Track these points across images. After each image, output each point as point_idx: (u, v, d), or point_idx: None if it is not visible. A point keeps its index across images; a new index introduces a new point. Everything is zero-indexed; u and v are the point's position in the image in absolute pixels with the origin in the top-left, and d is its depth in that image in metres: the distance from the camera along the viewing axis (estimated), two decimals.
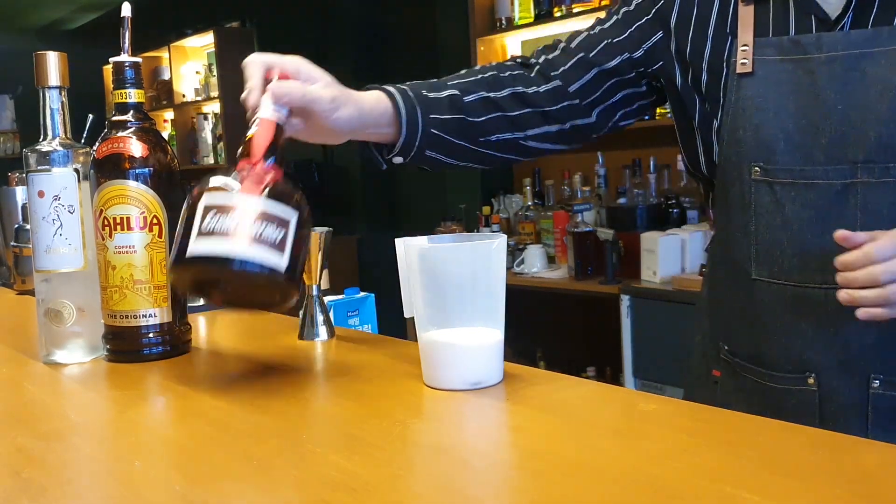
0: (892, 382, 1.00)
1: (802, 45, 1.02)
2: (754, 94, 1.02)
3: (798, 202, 1.03)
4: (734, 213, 1.09)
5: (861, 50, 0.99)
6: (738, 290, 1.12)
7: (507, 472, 0.66)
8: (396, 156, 1.10)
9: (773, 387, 1.07)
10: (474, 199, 4.19)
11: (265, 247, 0.79)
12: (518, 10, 3.76)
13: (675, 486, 0.58)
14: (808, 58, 1.02)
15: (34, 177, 1.03)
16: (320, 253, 1.08)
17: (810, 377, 1.04)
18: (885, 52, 0.98)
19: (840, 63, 1.00)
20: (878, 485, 0.58)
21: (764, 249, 1.06)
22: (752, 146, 1.05)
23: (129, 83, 1.03)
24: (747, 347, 1.12)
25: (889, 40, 0.98)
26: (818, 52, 1.01)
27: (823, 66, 1.01)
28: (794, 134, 1.00)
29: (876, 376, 1.01)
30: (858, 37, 0.99)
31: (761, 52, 1.05)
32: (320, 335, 1.10)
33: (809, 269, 1.02)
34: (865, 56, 0.99)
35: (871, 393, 1.01)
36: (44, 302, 1.04)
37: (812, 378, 1.04)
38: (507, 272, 1.21)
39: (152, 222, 1.01)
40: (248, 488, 0.62)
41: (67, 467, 0.70)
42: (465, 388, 0.83)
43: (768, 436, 0.69)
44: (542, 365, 3.86)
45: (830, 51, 1.00)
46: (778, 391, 1.07)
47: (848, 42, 1.00)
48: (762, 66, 1.05)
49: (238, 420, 0.79)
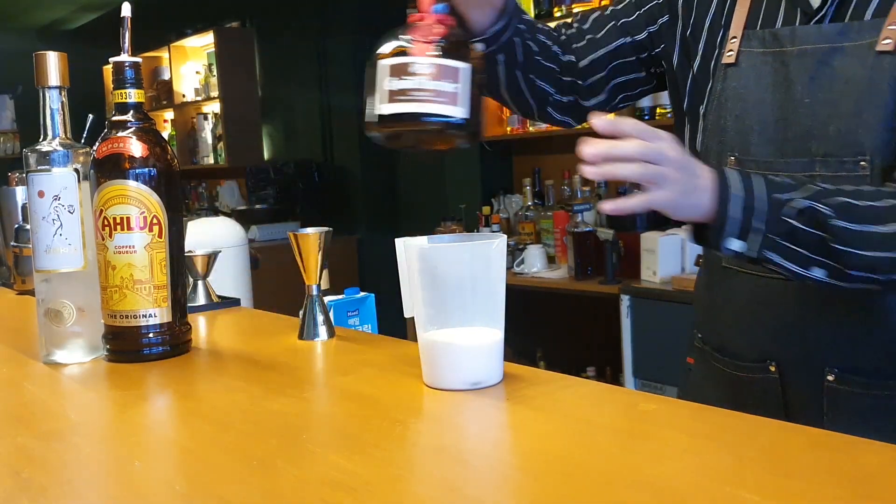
0: (846, 378, 1.02)
1: (779, 39, 1.03)
2: (737, 84, 1.04)
3: None
4: None
5: (831, 44, 0.99)
6: (711, 280, 1.15)
7: (506, 472, 0.66)
8: (481, 41, 1.07)
9: (738, 375, 1.10)
10: (474, 199, 4.19)
11: (442, 101, 0.84)
12: None
13: (675, 486, 0.58)
14: (783, 51, 1.03)
15: (34, 177, 1.03)
16: (320, 253, 1.08)
17: (772, 365, 1.07)
18: (853, 47, 0.98)
19: (811, 57, 1.01)
20: (878, 485, 0.58)
21: None
22: (732, 135, 1.06)
23: (129, 83, 1.03)
24: (716, 336, 1.14)
25: (858, 35, 0.98)
26: (792, 46, 1.02)
27: (795, 59, 1.02)
28: (769, 126, 1.02)
29: (831, 369, 1.03)
30: (830, 31, 1.00)
31: (747, 45, 1.06)
32: (320, 335, 1.10)
33: None
34: (836, 50, 0.99)
35: (825, 385, 1.03)
36: (44, 302, 1.04)
37: (773, 366, 1.06)
38: (507, 272, 1.21)
39: (152, 222, 1.01)
40: (248, 488, 0.62)
41: (67, 467, 0.70)
42: (465, 388, 0.83)
43: (768, 436, 0.69)
44: (542, 365, 3.86)
45: (803, 44, 1.01)
46: (744, 380, 1.10)
47: (820, 36, 1.00)
48: (746, 58, 1.06)
49: (238, 420, 0.79)
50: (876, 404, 1.01)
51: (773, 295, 1.05)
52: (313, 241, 1.08)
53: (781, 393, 1.06)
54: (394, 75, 0.84)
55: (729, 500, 0.56)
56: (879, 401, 1.01)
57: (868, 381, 1.01)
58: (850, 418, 1.01)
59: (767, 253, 0.90)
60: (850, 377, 1.02)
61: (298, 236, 1.08)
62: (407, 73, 0.83)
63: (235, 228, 1.89)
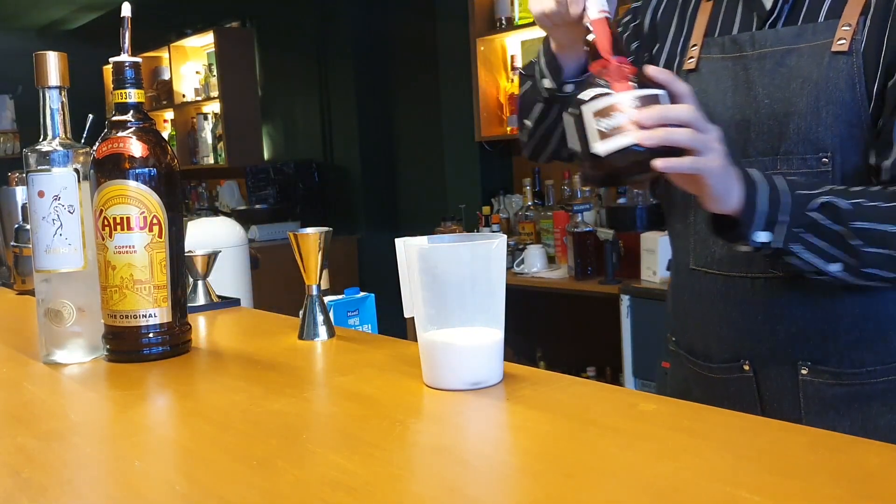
0: (818, 370, 1.05)
1: (738, 44, 1.08)
2: (698, 90, 1.05)
3: None
4: (677, 206, 1.16)
5: (788, 46, 1.04)
6: (681, 282, 1.18)
7: (506, 472, 0.66)
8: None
9: (713, 377, 1.12)
10: (474, 199, 4.19)
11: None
12: (518, 10, 3.76)
13: (675, 486, 0.58)
14: (743, 55, 1.07)
15: (34, 177, 1.03)
16: (320, 253, 1.08)
17: (745, 363, 1.09)
18: (809, 48, 1.02)
19: (769, 59, 1.04)
20: (878, 485, 0.58)
21: (700, 240, 1.11)
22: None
23: (129, 83, 1.03)
24: (689, 338, 1.17)
25: (813, 36, 1.02)
26: (752, 50, 1.06)
27: (755, 62, 1.06)
28: (731, 128, 1.04)
29: (804, 363, 1.06)
30: (787, 33, 1.04)
31: (707, 51, 1.11)
32: (320, 335, 1.10)
33: (738, 258, 1.07)
34: (792, 52, 1.03)
35: (800, 379, 1.06)
36: (44, 302, 1.04)
37: (747, 364, 1.09)
38: (507, 272, 1.22)
39: (152, 222, 1.01)
40: (248, 488, 0.62)
41: (67, 467, 0.70)
42: (465, 388, 0.83)
43: (768, 436, 0.69)
44: (542, 365, 3.86)
45: (761, 47, 1.05)
46: (718, 381, 1.12)
47: (777, 39, 1.05)
48: (706, 64, 1.10)
49: (238, 420, 0.79)
50: (850, 393, 1.05)
51: (741, 294, 1.08)
52: (313, 240, 1.08)
53: (756, 390, 1.09)
54: (602, 116, 0.87)
55: (729, 500, 0.56)
56: (853, 388, 1.05)
57: (839, 370, 1.05)
58: (827, 410, 1.05)
59: (792, 245, 0.93)
60: (822, 368, 1.05)
61: (298, 236, 1.08)
62: (615, 111, 0.86)
63: (235, 228, 1.89)
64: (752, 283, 1.07)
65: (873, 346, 1.04)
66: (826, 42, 1.01)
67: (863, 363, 1.04)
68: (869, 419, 1.04)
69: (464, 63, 3.98)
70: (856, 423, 1.05)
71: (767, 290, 1.06)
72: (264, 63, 5.71)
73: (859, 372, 1.04)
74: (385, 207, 5.01)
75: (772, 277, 1.05)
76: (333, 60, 5.07)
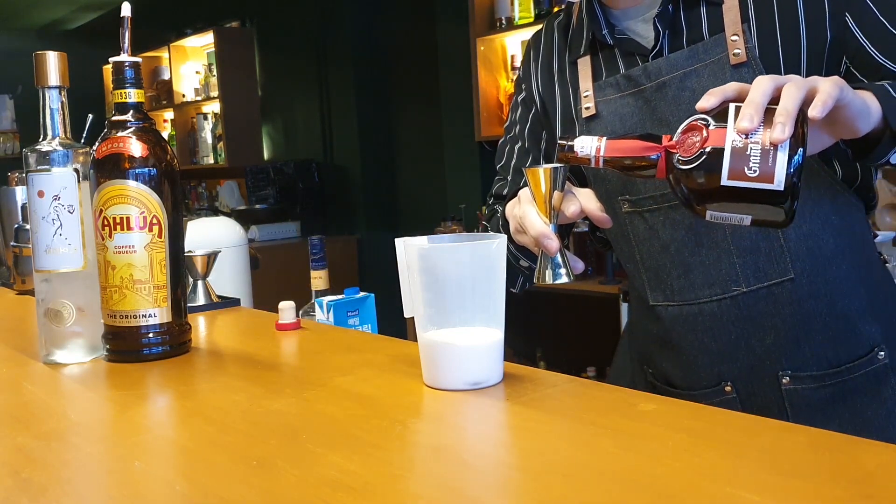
0: (799, 376, 1.06)
1: (633, 79, 1.08)
2: (604, 134, 1.03)
3: (668, 224, 1.08)
4: (621, 246, 1.16)
5: (684, 70, 1.04)
6: (643, 318, 1.18)
7: (507, 473, 0.65)
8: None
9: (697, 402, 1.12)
10: (474, 199, 4.19)
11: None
12: (518, 9, 3.76)
13: (675, 486, 0.58)
14: (641, 89, 1.07)
15: (34, 177, 1.03)
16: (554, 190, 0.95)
17: (727, 385, 1.10)
18: (705, 67, 1.03)
19: (669, 86, 1.05)
20: (878, 485, 0.58)
21: (653, 275, 1.12)
22: (614, 182, 1.11)
23: (129, 83, 1.03)
24: (664, 370, 1.17)
25: (706, 54, 1.03)
26: (648, 82, 1.06)
27: (656, 93, 1.06)
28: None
29: (784, 373, 1.06)
30: (678, 58, 1.04)
31: (602, 94, 1.11)
32: (561, 276, 0.96)
33: (696, 285, 1.08)
34: (689, 74, 1.03)
35: (783, 389, 1.07)
36: (44, 302, 1.04)
37: (729, 386, 1.10)
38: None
39: (152, 222, 1.01)
40: (248, 488, 0.62)
41: (67, 467, 0.70)
42: (465, 388, 0.83)
43: (768, 436, 0.69)
44: (542, 365, 3.86)
45: (657, 77, 1.06)
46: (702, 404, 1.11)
47: (670, 65, 1.05)
48: (605, 106, 1.10)
49: (238, 420, 0.79)
50: (833, 393, 1.06)
51: (709, 319, 1.08)
52: (546, 175, 0.94)
53: (742, 408, 1.08)
54: (741, 166, 0.81)
55: (729, 500, 0.56)
56: (836, 387, 1.06)
57: (819, 372, 1.05)
58: (814, 414, 1.06)
59: None
60: (803, 374, 1.06)
61: (529, 171, 0.94)
62: (741, 152, 0.81)
63: (235, 228, 1.89)
64: (717, 305, 1.07)
65: (846, 342, 1.05)
66: (722, 56, 1.01)
67: (840, 361, 1.05)
68: (857, 414, 1.05)
69: (464, 63, 3.98)
70: (844, 420, 1.05)
71: (734, 308, 1.06)
72: (264, 63, 5.71)
73: (839, 370, 1.06)
74: (385, 207, 5.01)
75: (736, 294, 1.05)
76: (333, 60, 5.07)
